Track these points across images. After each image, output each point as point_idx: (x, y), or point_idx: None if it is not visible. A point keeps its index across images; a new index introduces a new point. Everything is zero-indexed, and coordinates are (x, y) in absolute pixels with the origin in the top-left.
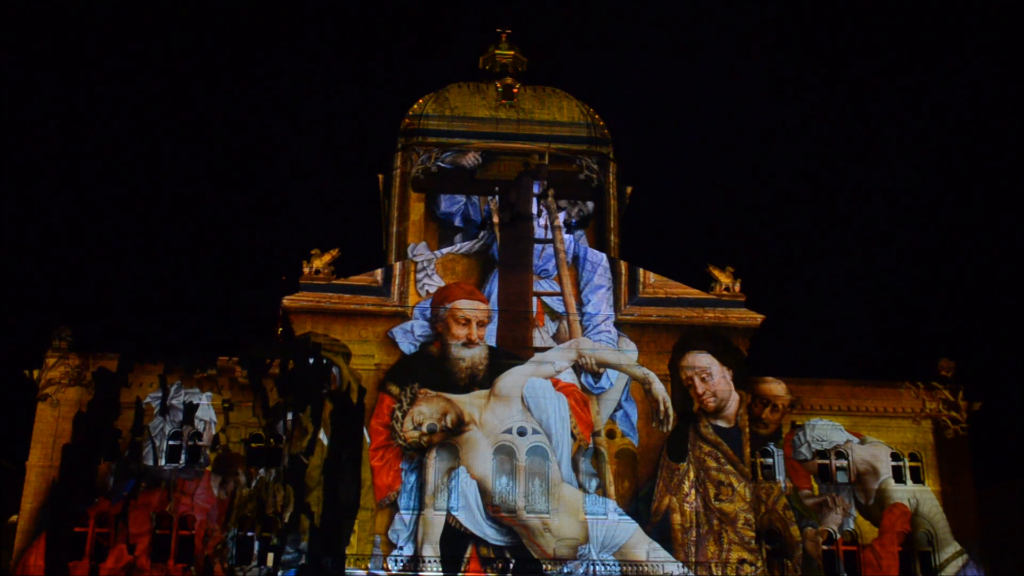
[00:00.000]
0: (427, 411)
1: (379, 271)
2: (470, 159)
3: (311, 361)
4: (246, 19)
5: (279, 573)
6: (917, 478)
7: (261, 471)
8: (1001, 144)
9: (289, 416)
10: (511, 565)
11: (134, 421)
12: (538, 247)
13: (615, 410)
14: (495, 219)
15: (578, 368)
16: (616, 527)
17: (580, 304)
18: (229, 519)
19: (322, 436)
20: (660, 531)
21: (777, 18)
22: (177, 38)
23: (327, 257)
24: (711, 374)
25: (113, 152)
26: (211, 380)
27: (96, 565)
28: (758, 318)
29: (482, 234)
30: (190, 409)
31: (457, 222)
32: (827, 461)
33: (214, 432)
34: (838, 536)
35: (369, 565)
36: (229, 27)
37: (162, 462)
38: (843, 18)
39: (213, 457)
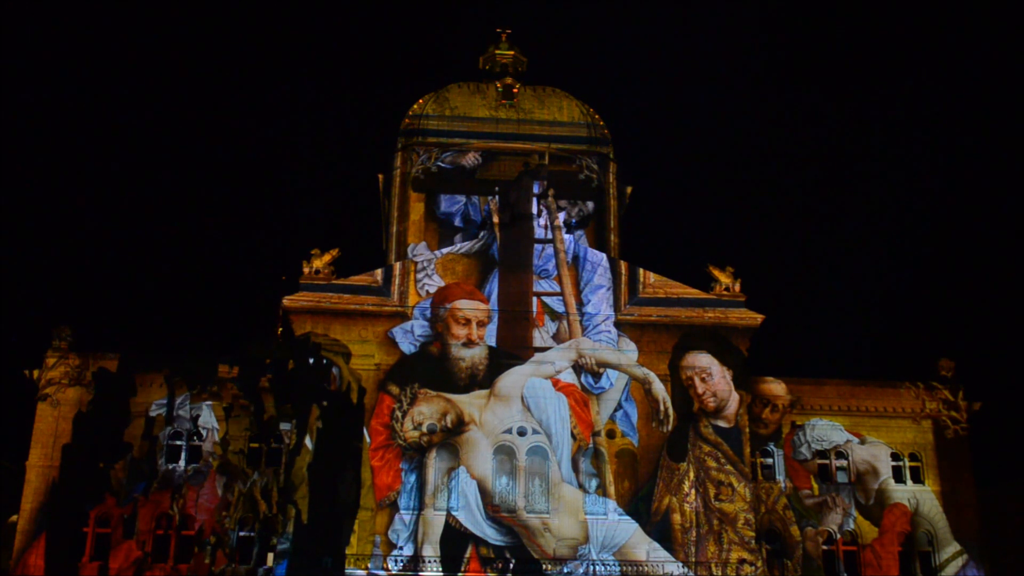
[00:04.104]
0: (427, 411)
1: (379, 271)
2: (470, 159)
3: (311, 361)
4: (246, 19)
5: (272, 565)
6: (917, 478)
7: (255, 474)
8: (1001, 144)
9: (284, 426)
10: (511, 565)
11: (144, 429)
12: (538, 247)
13: (615, 410)
14: (495, 219)
15: (578, 368)
16: (616, 527)
17: (580, 304)
18: (230, 513)
19: (307, 442)
20: (660, 531)
21: (777, 18)
22: (178, 38)
23: (327, 257)
24: (711, 374)
25: (113, 152)
26: (213, 395)
27: (105, 564)
28: (758, 318)
29: (482, 234)
30: (195, 419)
31: (457, 222)
32: (827, 461)
33: (216, 438)
34: (838, 536)
35: (369, 565)
36: (229, 27)
37: (171, 465)
38: (843, 18)
39: (216, 464)
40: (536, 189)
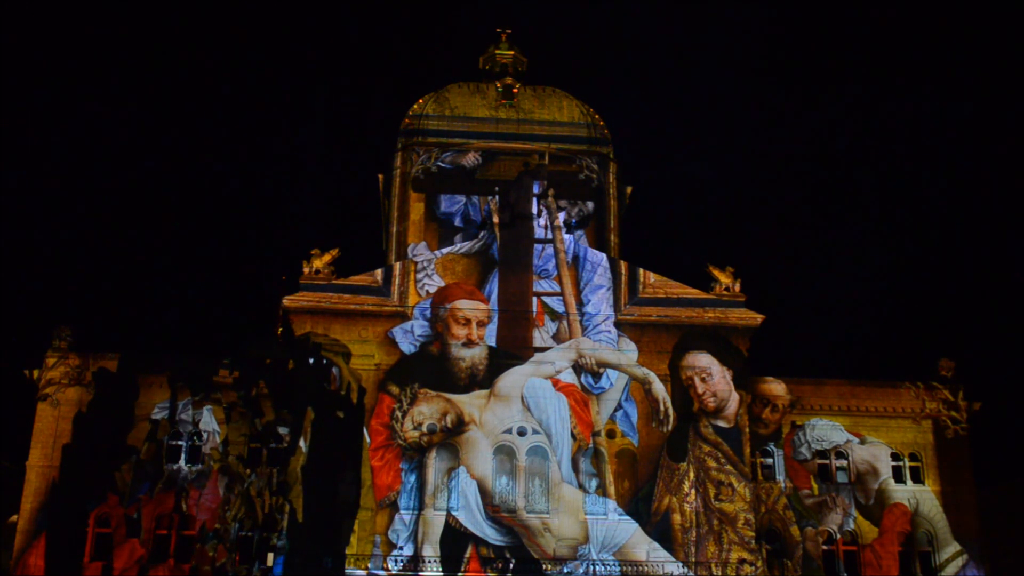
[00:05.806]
0: (427, 411)
1: (379, 271)
2: (470, 159)
3: (311, 361)
4: (247, 19)
5: (270, 564)
6: (917, 478)
7: (252, 475)
8: (1001, 144)
9: (282, 429)
10: (511, 565)
11: (148, 432)
12: (538, 247)
13: (615, 410)
14: (495, 219)
15: (578, 368)
16: (616, 527)
17: (580, 304)
18: (230, 508)
19: (302, 444)
20: (660, 531)
21: (777, 18)
22: (178, 38)
23: (327, 257)
24: (711, 374)
25: (113, 152)
26: (214, 400)
27: (108, 564)
28: (758, 318)
29: (482, 234)
30: (196, 422)
31: (457, 222)
32: (827, 461)
33: (217, 440)
34: (838, 536)
35: (369, 565)
36: (230, 27)
37: (174, 466)
38: (843, 18)
39: (216, 467)
40: (536, 189)
